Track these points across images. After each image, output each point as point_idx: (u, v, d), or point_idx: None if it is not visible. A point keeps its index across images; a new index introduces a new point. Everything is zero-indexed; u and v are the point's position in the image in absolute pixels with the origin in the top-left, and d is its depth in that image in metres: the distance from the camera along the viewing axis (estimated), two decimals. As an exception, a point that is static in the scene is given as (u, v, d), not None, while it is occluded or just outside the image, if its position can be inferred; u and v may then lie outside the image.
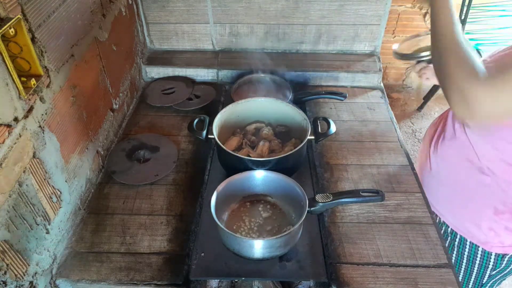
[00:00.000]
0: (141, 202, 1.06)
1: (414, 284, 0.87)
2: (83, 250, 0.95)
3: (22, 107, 0.77)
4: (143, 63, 1.53)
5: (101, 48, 1.14)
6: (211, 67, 1.53)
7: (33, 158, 0.81)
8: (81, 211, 1.04)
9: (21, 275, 0.79)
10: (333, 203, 0.91)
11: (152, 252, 0.94)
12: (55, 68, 0.88)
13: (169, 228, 1.00)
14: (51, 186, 0.89)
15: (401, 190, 1.08)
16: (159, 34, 1.57)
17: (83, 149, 1.05)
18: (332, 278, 0.88)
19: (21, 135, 0.77)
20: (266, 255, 0.89)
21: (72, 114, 0.98)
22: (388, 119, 1.33)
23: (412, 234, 0.97)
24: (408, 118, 2.72)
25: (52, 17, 0.86)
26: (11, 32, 0.71)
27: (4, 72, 0.70)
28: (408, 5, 2.38)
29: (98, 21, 1.12)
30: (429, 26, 0.84)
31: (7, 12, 0.71)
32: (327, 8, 1.47)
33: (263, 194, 1.03)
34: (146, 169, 1.15)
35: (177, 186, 1.11)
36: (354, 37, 1.56)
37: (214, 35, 1.57)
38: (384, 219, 1.01)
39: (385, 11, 1.48)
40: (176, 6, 1.49)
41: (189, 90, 1.46)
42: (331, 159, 1.18)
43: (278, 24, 1.53)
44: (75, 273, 0.90)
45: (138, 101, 1.44)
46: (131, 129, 1.31)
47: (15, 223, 0.76)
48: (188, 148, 1.23)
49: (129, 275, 0.90)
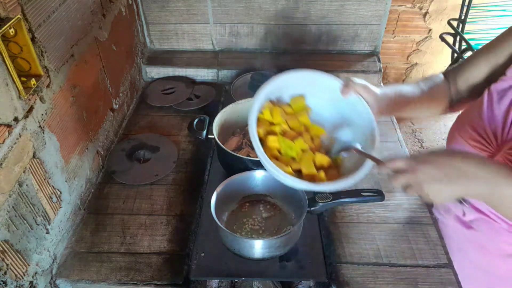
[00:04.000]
0: (141, 202, 1.06)
1: (414, 284, 0.87)
2: (83, 250, 0.95)
3: (22, 107, 0.77)
4: (143, 63, 1.53)
5: (101, 48, 1.14)
6: (211, 67, 1.53)
7: (33, 158, 0.81)
8: (81, 211, 1.04)
9: (21, 275, 0.79)
10: (333, 203, 0.91)
11: (152, 252, 0.94)
12: (55, 68, 0.88)
13: (169, 228, 1.00)
14: (51, 186, 0.89)
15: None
16: (159, 34, 1.57)
17: (83, 149, 1.05)
18: (332, 278, 0.88)
19: (21, 135, 0.77)
20: (266, 255, 0.89)
21: (72, 114, 0.98)
22: (388, 119, 1.33)
23: (412, 234, 0.97)
24: (408, 118, 2.72)
25: (52, 17, 0.86)
26: (11, 32, 0.71)
27: (4, 72, 0.70)
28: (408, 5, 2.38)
29: (98, 21, 1.12)
30: (428, 26, 0.83)
31: (7, 12, 0.71)
32: (327, 8, 1.47)
33: (263, 194, 1.03)
34: (146, 169, 1.15)
35: (177, 186, 1.11)
36: (354, 37, 1.56)
37: (214, 35, 1.57)
38: (384, 219, 1.01)
39: (385, 11, 1.48)
40: (176, 6, 1.49)
41: (189, 90, 1.46)
42: (331, 159, 1.18)
43: (278, 24, 1.53)
44: (75, 273, 0.90)
45: (138, 101, 1.44)
46: (131, 129, 1.31)
47: (15, 223, 0.76)
48: (188, 148, 1.23)
49: (129, 275, 0.90)
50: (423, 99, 0.86)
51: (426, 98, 0.87)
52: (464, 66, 0.86)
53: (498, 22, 2.24)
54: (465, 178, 0.62)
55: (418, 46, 2.55)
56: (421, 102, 0.86)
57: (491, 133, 0.77)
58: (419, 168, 0.64)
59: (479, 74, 0.84)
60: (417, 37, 2.49)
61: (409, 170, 0.65)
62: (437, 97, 0.88)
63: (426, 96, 0.87)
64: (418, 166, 0.64)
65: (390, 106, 0.80)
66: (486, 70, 0.82)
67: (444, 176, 0.62)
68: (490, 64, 0.81)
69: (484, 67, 0.82)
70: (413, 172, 0.64)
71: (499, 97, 0.77)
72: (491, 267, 0.86)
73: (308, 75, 0.77)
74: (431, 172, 0.63)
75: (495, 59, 0.80)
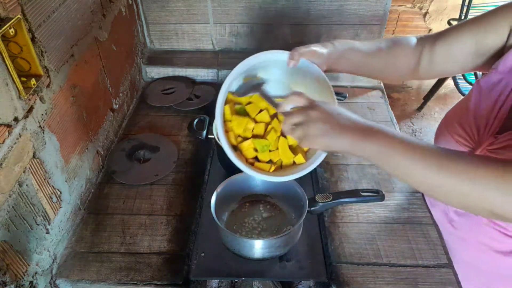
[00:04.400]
0: (141, 202, 1.06)
1: (414, 284, 0.87)
2: (83, 250, 0.95)
3: (22, 107, 0.77)
4: (143, 63, 1.53)
5: (101, 48, 1.14)
6: (211, 67, 1.53)
7: (33, 158, 0.81)
8: (81, 211, 1.04)
9: (21, 275, 0.79)
10: (333, 203, 0.91)
11: (152, 252, 0.94)
12: (55, 68, 0.88)
13: (169, 228, 1.00)
14: (51, 186, 0.89)
15: (401, 190, 1.08)
16: (159, 34, 1.57)
17: (83, 149, 1.05)
18: (332, 278, 0.88)
19: (21, 135, 0.77)
20: (266, 255, 0.89)
21: (72, 114, 0.98)
22: (388, 119, 1.33)
23: (412, 234, 0.97)
24: (408, 118, 2.72)
25: (52, 17, 0.86)
26: (11, 32, 0.71)
27: (4, 72, 0.70)
28: (408, 5, 2.38)
29: (98, 21, 1.12)
30: (428, 26, 0.83)
31: (7, 12, 0.71)
32: (327, 8, 1.47)
33: (263, 194, 1.03)
34: (146, 169, 1.15)
35: (177, 186, 1.11)
36: (354, 37, 1.56)
37: (214, 35, 1.57)
38: (384, 219, 1.01)
39: (385, 11, 1.48)
40: (176, 6, 1.49)
41: (189, 90, 1.46)
42: (331, 159, 1.18)
43: (278, 24, 1.53)
44: (75, 273, 0.90)
45: (138, 101, 1.44)
46: (131, 129, 1.31)
47: (15, 223, 0.76)
48: (188, 148, 1.23)
49: (129, 275, 0.90)
50: (379, 57, 0.83)
51: (384, 57, 0.84)
52: (446, 35, 0.80)
53: (498, 22, 2.23)
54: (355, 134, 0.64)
55: (418, 46, 2.54)
56: (377, 59, 0.83)
57: (475, 128, 0.76)
58: (312, 122, 0.66)
59: (463, 48, 0.78)
60: (417, 37, 2.49)
61: (304, 123, 0.67)
62: (399, 59, 0.84)
63: (384, 54, 0.83)
64: (311, 121, 0.66)
65: (342, 60, 0.81)
66: (470, 44, 0.77)
67: (333, 131, 0.65)
68: (476, 39, 0.76)
69: (469, 41, 0.77)
70: (307, 126, 0.66)
71: (487, 90, 0.76)
72: (474, 260, 0.86)
73: (260, 57, 0.79)
74: (322, 127, 0.65)
75: (483, 36, 0.75)
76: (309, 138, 0.67)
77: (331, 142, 0.66)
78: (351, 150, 0.65)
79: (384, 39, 0.88)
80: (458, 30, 0.79)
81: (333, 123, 0.65)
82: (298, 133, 0.68)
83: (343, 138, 0.65)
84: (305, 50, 0.77)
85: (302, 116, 0.67)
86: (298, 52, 0.76)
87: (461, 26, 0.79)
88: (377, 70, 0.87)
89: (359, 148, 0.64)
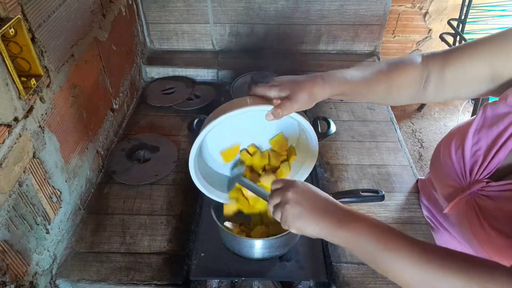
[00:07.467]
0: (141, 202, 1.06)
1: (414, 284, 0.87)
2: (83, 250, 0.95)
3: (22, 107, 0.77)
4: (143, 63, 1.53)
5: (101, 48, 1.14)
6: (211, 67, 1.53)
7: (33, 158, 0.81)
8: (81, 211, 1.04)
9: (21, 275, 0.79)
10: (333, 203, 0.91)
11: (152, 252, 0.94)
12: (55, 68, 0.88)
13: (169, 228, 1.00)
14: (51, 186, 0.89)
15: (401, 190, 1.08)
16: (159, 34, 1.57)
17: (83, 149, 1.05)
18: (332, 278, 0.88)
19: (21, 135, 0.77)
20: (266, 255, 0.89)
21: (72, 114, 0.98)
22: (388, 119, 1.33)
23: (412, 234, 0.96)
24: (408, 118, 2.72)
25: (52, 17, 0.86)
26: (11, 32, 0.71)
27: (4, 72, 0.70)
28: (408, 5, 2.38)
29: (98, 21, 1.12)
30: (428, 26, 0.81)
31: (7, 12, 0.71)
32: (327, 8, 1.48)
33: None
34: (146, 169, 1.15)
35: (177, 186, 1.11)
36: (354, 37, 1.56)
37: (214, 35, 1.57)
38: (384, 219, 1.01)
39: (385, 11, 1.48)
40: (176, 6, 1.49)
41: (189, 90, 1.46)
42: (331, 159, 1.18)
43: (278, 24, 1.53)
44: (75, 273, 0.90)
45: (138, 101, 1.44)
46: (131, 129, 1.31)
47: (15, 223, 0.76)
48: (188, 148, 1.23)
49: (129, 275, 0.90)
50: (380, 80, 0.77)
51: (386, 80, 0.77)
52: (457, 59, 0.73)
53: (498, 22, 2.24)
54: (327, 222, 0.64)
55: (418, 46, 2.55)
56: (378, 83, 0.77)
57: (468, 166, 0.72)
58: (287, 204, 0.67)
59: (476, 74, 0.71)
60: (417, 37, 2.49)
61: (281, 204, 0.68)
62: (403, 79, 0.77)
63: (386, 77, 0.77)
64: (287, 202, 0.67)
65: (336, 97, 0.77)
66: (485, 71, 0.70)
67: (305, 214, 0.65)
68: (491, 67, 0.69)
69: (483, 68, 0.70)
70: (283, 208, 0.67)
71: (491, 121, 0.70)
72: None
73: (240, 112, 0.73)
74: (296, 209, 0.66)
75: (499, 64, 0.68)
76: (286, 220, 0.67)
77: (304, 226, 0.65)
78: (324, 236, 0.65)
79: (383, 60, 0.83)
80: (471, 54, 0.72)
81: (306, 206, 0.65)
82: (278, 215, 0.69)
83: (315, 224, 0.64)
84: (290, 109, 0.72)
85: (280, 197, 0.68)
86: (282, 112, 0.71)
87: (474, 50, 0.72)
88: (380, 95, 0.79)
89: (332, 236, 0.64)
